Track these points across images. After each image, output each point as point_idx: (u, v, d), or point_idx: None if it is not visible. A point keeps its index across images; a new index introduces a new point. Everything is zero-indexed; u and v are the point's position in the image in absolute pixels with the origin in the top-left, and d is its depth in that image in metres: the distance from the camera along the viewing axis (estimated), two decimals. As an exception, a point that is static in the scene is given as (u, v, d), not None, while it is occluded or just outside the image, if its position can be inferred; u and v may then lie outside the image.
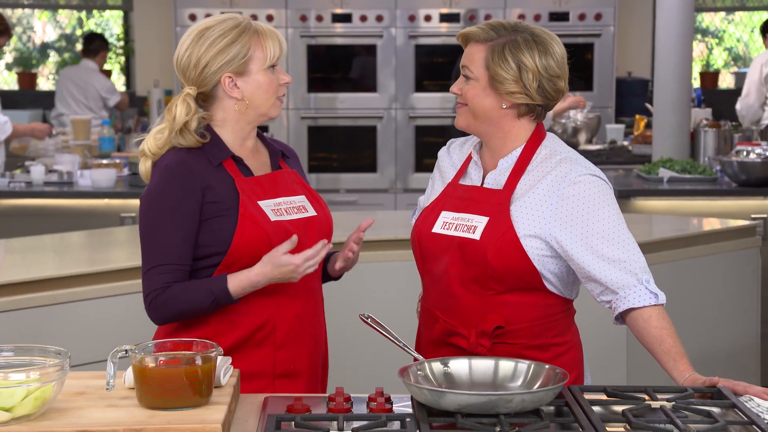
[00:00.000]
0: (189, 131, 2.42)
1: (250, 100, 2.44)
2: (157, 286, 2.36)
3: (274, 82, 2.45)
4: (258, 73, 2.43)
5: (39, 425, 1.90)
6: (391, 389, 2.16)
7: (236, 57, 2.41)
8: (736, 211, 5.25)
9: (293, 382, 2.44)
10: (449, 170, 2.56)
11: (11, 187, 5.50)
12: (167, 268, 2.36)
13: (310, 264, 2.34)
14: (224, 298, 2.35)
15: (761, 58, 7.13)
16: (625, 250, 2.34)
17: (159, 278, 2.36)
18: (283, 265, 2.33)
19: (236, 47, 2.41)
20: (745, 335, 4.40)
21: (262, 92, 2.44)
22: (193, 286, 2.36)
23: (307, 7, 7.64)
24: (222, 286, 2.34)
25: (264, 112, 2.47)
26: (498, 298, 2.39)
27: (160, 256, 2.37)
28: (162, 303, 2.36)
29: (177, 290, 2.36)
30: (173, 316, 2.40)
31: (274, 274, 2.34)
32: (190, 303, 2.36)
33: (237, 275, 2.36)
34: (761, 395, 2.15)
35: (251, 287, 2.36)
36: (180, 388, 1.99)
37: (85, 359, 3.17)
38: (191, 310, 2.38)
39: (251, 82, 2.43)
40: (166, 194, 2.38)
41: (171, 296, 2.36)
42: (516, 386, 2.14)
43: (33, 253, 3.89)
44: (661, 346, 2.30)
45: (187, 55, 2.42)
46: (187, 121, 2.42)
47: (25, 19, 9.91)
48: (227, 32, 2.41)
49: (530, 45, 2.38)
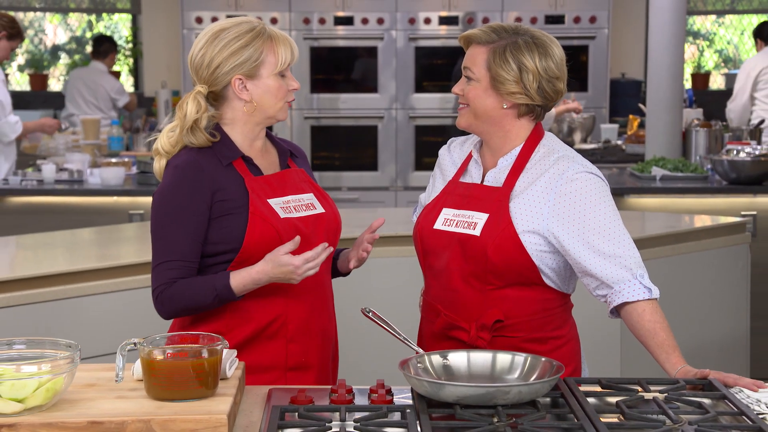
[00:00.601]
0: (199, 129, 2.41)
1: (258, 103, 2.44)
2: (164, 281, 2.36)
3: (284, 88, 2.44)
4: (268, 77, 2.42)
5: (50, 416, 1.90)
6: (392, 381, 2.16)
7: (248, 60, 2.40)
8: (726, 208, 5.25)
9: (304, 375, 2.44)
10: (450, 168, 2.56)
11: (23, 185, 5.50)
12: (174, 264, 2.36)
13: (310, 266, 2.32)
14: (226, 294, 2.35)
15: (749, 63, 7.14)
16: (621, 245, 2.35)
17: (166, 273, 2.36)
18: (283, 264, 2.32)
19: (249, 51, 2.40)
20: (735, 329, 4.40)
21: (271, 96, 2.44)
22: (197, 282, 2.36)
23: (310, 10, 7.64)
24: (224, 282, 2.34)
25: (272, 115, 2.46)
26: (497, 293, 2.39)
27: (167, 252, 2.37)
28: (168, 297, 2.36)
29: (182, 285, 2.36)
30: (179, 311, 2.39)
31: (274, 272, 2.33)
32: (194, 298, 2.35)
33: (240, 272, 2.35)
34: (750, 387, 2.15)
35: (253, 284, 2.35)
36: (187, 380, 1.99)
37: (95, 352, 3.17)
38: (196, 306, 2.37)
39: (261, 85, 2.43)
40: (176, 193, 2.38)
41: (176, 291, 2.36)
42: (513, 378, 2.14)
43: (44, 249, 3.89)
44: (654, 339, 2.30)
45: (201, 54, 2.42)
46: (198, 119, 2.41)
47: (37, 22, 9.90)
48: (242, 35, 2.40)
49: (531, 47, 2.38)
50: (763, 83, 6.98)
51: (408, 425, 1.90)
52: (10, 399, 1.89)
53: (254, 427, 1.99)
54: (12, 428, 1.86)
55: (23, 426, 1.87)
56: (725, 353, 4.35)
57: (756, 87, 6.99)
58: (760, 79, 6.98)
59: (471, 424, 1.91)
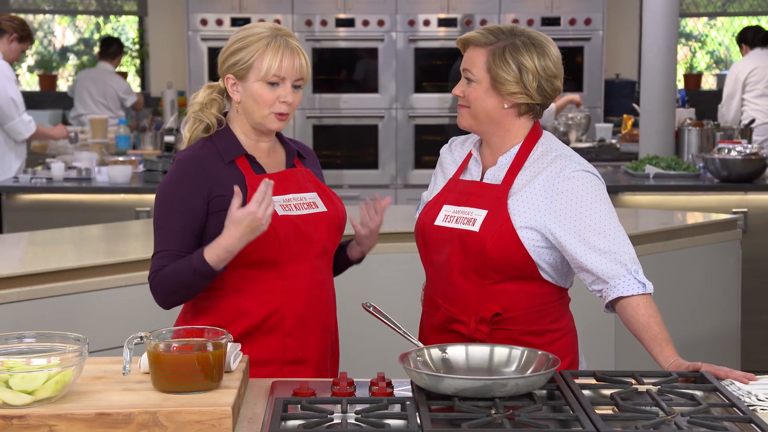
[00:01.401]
0: (209, 111, 2.45)
1: (243, 106, 2.44)
2: (155, 269, 2.38)
3: (269, 97, 2.41)
4: (254, 83, 2.41)
5: (59, 407, 1.90)
6: (393, 374, 2.16)
7: (239, 62, 2.41)
8: (717, 205, 5.25)
9: (302, 369, 2.44)
10: (451, 166, 2.56)
11: (33, 183, 5.50)
12: (168, 254, 2.37)
13: (265, 204, 2.27)
14: (203, 267, 2.31)
15: (737, 67, 7.16)
16: (616, 241, 2.34)
17: (158, 262, 2.38)
18: (241, 219, 2.27)
19: (243, 53, 2.41)
20: (726, 322, 4.40)
21: (253, 102, 2.42)
22: (179, 264, 2.35)
23: (313, 12, 7.63)
24: (199, 255, 2.32)
25: (257, 122, 2.44)
26: (496, 287, 2.39)
27: (163, 242, 2.39)
28: (158, 283, 2.37)
29: (168, 270, 2.36)
30: (170, 294, 2.38)
31: (239, 231, 2.28)
32: (177, 278, 2.33)
33: (211, 244, 2.33)
34: (741, 379, 2.15)
35: (226, 253, 2.31)
36: (192, 373, 1.99)
37: (103, 345, 3.16)
38: (181, 286, 2.35)
39: (247, 89, 2.43)
40: (176, 186, 2.40)
41: (164, 276, 2.36)
42: (510, 371, 2.14)
43: (54, 245, 3.89)
44: (648, 332, 2.29)
45: (223, 48, 2.47)
46: (206, 104, 2.46)
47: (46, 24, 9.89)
48: (248, 37, 2.42)
49: (528, 47, 2.38)
50: (752, 85, 7.01)
51: (408, 417, 1.90)
52: (21, 391, 1.89)
53: (258, 418, 1.99)
54: (22, 419, 1.86)
55: (33, 417, 1.87)
56: (717, 346, 4.35)
57: (745, 89, 7.02)
58: (749, 81, 7.01)
59: (469, 415, 1.90)
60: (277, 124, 2.44)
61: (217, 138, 2.45)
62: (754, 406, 2.04)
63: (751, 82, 6.99)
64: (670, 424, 1.87)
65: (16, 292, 3.26)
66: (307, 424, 1.87)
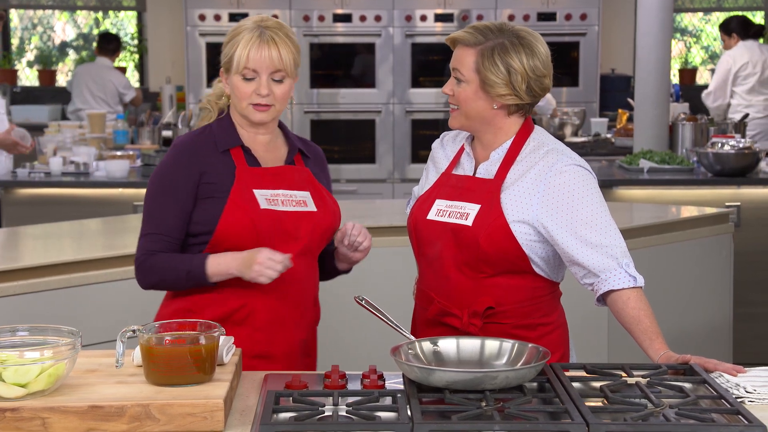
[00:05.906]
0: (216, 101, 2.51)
1: (231, 99, 2.48)
2: (145, 251, 2.40)
3: (245, 90, 2.43)
4: (233, 75, 2.44)
5: (53, 400, 1.90)
6: (384, 367, 2.16)
7: (225, 55, 2.45)
8: (711, 199, 5.24)
9: (268, 364, 2.41)
10: (443, 161, 2.55)
11: (31, 177, 5.49)
12: (158, 237, 2.39)
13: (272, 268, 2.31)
14: (199, 273, 2.35)
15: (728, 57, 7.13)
16: (607, 235, 2.34)
17: (148, 245, 2.40)
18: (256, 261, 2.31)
19: (227, 47, 2.45)
20: (718, 315, 4.40)
21: (234, 95, 2.46)
22: (175, 258, 2.38)
23: (310, 7, 7.62)
24: (200, 261, 2.36)
25: (242, 113, 2.47)
26: (489, 281, 2.39)
27: (154, 225, 2.41)
28: (148, 267, 2.40)
29: (163, 258, 2.38)
30: (155, 282, 2.42)
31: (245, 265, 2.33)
32: (168, 271, 2.38)
33: (219, 257, 2.36)
34: (730, 372, 2.15)
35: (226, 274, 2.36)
36: (185, 365, 1.99)
37: (100, 338, 3.16)
38: (170, 279, 2.39)
39: (230, 81, 2.46)
40: (168, 170, 2.43)
41: (156, 263, 2.39)
42: (501, 364, 2.14)
43: (52, 239, 3.89)
44: (638, 326, 2.29)
45: None
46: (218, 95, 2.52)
47: (46, 20, 9.88)
48: (233, 31, 2.45)
49: (517, 48, 2.37)
50: (743, 78, 6.98)
51: (399, 409, 1.89)
52: (14, 384, 1.89)
53: (250, 410, 1.99)
54: (15, 412, 1.86)
55: (26, 410, 1.86)
56: (709, 339, 4.35)
57: (735, 82, 6.98)
58: (740, 74, 6.97)
59: (460, 408, 1.91)
60: (259, 115, 2.44)
61: (218, 127, 2.48)
62: (742, 398, 2.04)
63: (742, 75, 6.96)
64: (658, 416, 1.88)
65: (15, 285, 3.25)
66: (298, 416, 1.87)
